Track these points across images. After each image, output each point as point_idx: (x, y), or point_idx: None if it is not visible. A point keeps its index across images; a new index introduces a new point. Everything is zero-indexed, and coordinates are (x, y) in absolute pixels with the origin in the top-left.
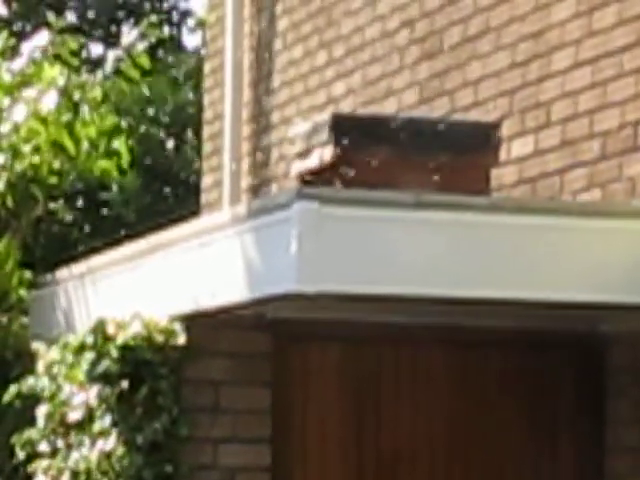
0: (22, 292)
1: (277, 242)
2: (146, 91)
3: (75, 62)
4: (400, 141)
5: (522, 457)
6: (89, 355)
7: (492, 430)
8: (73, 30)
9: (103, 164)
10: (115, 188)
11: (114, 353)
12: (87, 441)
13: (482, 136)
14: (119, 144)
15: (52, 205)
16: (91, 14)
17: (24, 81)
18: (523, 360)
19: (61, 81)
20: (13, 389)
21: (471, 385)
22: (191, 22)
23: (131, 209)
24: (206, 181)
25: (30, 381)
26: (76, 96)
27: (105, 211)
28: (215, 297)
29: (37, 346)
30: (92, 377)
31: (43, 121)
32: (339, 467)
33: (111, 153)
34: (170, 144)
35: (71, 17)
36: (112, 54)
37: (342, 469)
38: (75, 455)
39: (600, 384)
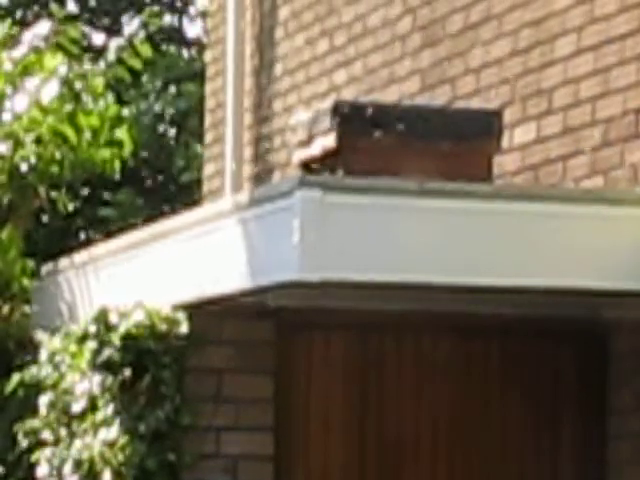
0: (25, 281)
1: (280, 230)
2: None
3: (76, 51)
4: (402, 129)
5: (524, 444)
6: (92, 344)
7: (494, 417)
8: (74, 19)
9: (104, 154)
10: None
11: (117, 342)
12: (90, 430)
13: (484, 123)
14: (122, 133)
15: (54, 195)
16: (92, 2)
17: (25, 70)
18: (526, 348)
19: (63, 70)
20: (16, 378)
21: (473, 372)
22: (192, 11)
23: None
24: (208, 169)
25: (33, 370)
26: (78, 85)
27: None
28: (218, 285)
29: (40, 335)
30: (95, 366)
31: (44, 111)
32: (342, 455)
33: (114, 142)
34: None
35: (72, 6)
36: (114, 43)
37: (345, 458)
38: (78, 444)
39: (603, 371)
